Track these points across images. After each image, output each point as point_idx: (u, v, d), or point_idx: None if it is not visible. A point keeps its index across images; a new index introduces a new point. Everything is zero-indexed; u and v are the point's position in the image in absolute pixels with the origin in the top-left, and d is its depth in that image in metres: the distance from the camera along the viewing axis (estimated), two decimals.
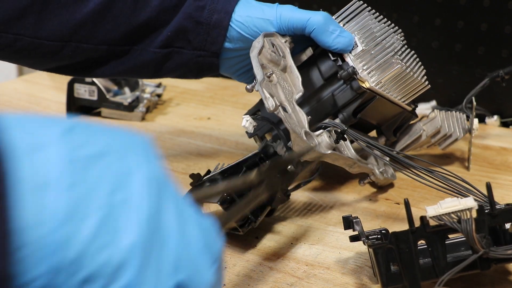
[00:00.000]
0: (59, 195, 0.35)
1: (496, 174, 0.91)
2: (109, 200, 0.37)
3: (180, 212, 0.40)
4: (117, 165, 0.38)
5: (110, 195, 0.37)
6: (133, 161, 0.39)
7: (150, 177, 0.39)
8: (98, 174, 0.37)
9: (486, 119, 1.07)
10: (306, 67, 0.82)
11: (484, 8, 1.06)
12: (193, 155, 0.98)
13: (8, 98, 1.21)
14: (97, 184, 0.37)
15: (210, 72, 0.83)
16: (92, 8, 0.76)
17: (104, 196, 0.37)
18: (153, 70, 0.82)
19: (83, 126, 0.39)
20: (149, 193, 0.38)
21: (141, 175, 0.38)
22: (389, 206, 0.82)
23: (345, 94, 0.79)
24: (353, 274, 0.69)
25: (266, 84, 0.72)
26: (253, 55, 0.75)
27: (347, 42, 0.79)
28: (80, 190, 0.36)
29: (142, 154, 0.40)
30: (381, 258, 0.63)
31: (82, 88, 1.10)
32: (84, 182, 0.36)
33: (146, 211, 0.38)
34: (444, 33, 1.10)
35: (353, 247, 0.74)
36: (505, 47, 1.06)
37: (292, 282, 0.68)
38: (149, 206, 0.38)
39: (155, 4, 0.78)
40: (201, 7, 0.79)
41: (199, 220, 0.41)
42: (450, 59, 1.11)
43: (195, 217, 0.41)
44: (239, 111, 1.14)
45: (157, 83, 1.19)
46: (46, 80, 1.32)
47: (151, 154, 0.40)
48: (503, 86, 0.98)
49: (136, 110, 1.11)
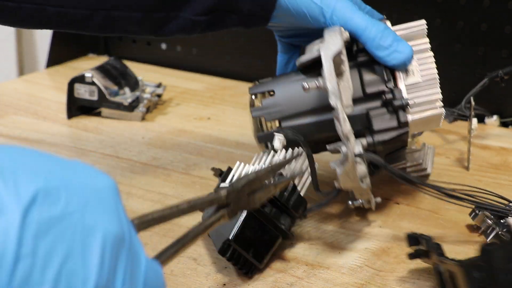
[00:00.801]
0: (4, 270, 0.34)
1: (496, 174, 0.91)
2: (57, 273, 0.36)
3: (131, 276, 0.39)
4: (73, 229, 0.37)
5: (60, 266, 0.36)
6: (91, 222, 0.37)
7: (106, 239, 0.38)
8: (50, 244, 0.36)
9: (486, 119, 1.07)
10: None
11: (484, 8, 1.06)
12: (193, 155, 0.98)
13: (8, 98, 1.21)
14: (48, 255, 0.35)
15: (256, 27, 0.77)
16: None
17: (53, 268, 0.35)
18: (193, 33, 0.76)
19: (48, 179, 0.37)
20: (101, 261, 0.37)
21: (97, 240, 0.37)
22: (389, 205, 0.82)
23: (384, 120, 0.71)
24: (353, 274, 0.69)
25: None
26: (327, 58, 0.66)
27: (403, 59, 0.71)
28: (27, 263, 0.35)
29: (102, 210, 0.38)
30: (472, 278, 0.54)
31: (82, 88, 1.10)
32: (33, 254, 0.35)
33: (93, 283, 0.37)
34: (444, 33, 1.10)
35: (353, 247, 0.74)
36: (505, 47, 1.06)
37: (292, 282, 0.68)
38: (98, 277, 0.37)
39: None
40: None
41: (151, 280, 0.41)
42: (450, 59, 1.11)
43: (147, 278, 0.41)
44: (239, 111, 1.15)
45: (157, 83, 1.19)
46: (46, 80, 1.32)
47: (112, 207, 0.39)
48: (502, 86, 0.98)
49: (136, 110, 1.11)
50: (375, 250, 0.73)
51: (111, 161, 0.96)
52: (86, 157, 0.97)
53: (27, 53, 1.67)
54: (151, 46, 1.41)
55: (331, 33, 0.69)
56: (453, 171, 0.92)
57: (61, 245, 0.36)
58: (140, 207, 0.82)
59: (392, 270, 0.70)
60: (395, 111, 0.71)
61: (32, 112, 1.15)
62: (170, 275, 0.69)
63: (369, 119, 0.71)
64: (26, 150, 0.39)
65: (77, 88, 1.10)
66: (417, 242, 0.64)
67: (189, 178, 0.90)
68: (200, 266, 0.71)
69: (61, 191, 0.37)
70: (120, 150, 1.00)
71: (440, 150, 0.97)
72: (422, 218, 0.80)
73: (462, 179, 0.89)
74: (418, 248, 0.64)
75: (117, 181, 0.98)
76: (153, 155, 0.98)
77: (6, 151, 0.38)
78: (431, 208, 0.81)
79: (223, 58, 1.33)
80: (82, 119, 1.12)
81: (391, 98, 0.71)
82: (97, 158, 0.97)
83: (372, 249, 0.73)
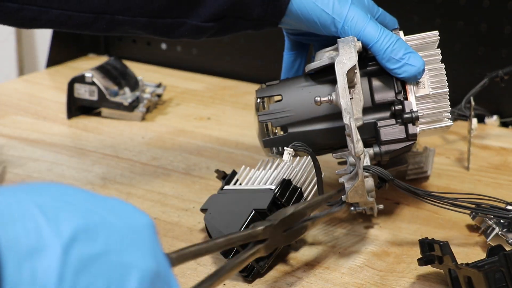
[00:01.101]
0: None
1: (496, 174, 0.91)
2: None
3: None
4: (111, 266, 0.38)
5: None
6: (129, 259, 0.39)
7: (142, 276, 0.39)
8: (90, 280, 0.37)
9: (486, 119, 1.07)
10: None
11: (484, 8, 1.06)
12: (193, 155, 0.98)
13: (8, 98, 1.21)
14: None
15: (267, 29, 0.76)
16: None
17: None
18: (203, 37, 0.75)
19: (88, 218, 0.38)
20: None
21: (134, 276, 0.38)
22: (389, 205, 0.82)
23: (393, 131, 0.71)
24: (353, 274, 0.69)
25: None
26: (341, 74, 0.66)
27: (414, 72, 0.70)
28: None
29: (139, 248, 0.40)
30: (493, 283, 0.57)
31: (82, 88, 1.10)
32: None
33: None
34: (444, 33, 1.10)
35: (353, 247, 0.74)
36: (504, 47, 1.06)
37: (292, 282, 0.68)
38: None
39: None
40: None
41: None
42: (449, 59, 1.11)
43: None
44: (239, 111, 1.15)
45: (157, 83, 1.19)
46: (46, 80, 1.32)
47: (149, 245, 0.40)
48: (502, 86, 0.98)
49: (136, 110, 1.11)
50: (375, 250, 0.73)
51: (111, 161, 0.96)
52: (86, 157, 0.97)
53: (27, 53, 1.67)
54: (151, 46, 1.41)
55: (346, 46, 0.69)
56: (453, 171, 0.92)
57: (100, 281, 0.37)
58: (140, 207, 0.81)
59: (392, 270, 0.70)
60: (404, 123, 0.71)
61: (32, 112, 1.15)
62: None
63: (377, 130, 0.71)
64: (67, 188, 0.40)
65: (77, 88, 1.10)
66: (431, 247, 0.63)
67: (189, 178, 0.90)
68: (200, 266, 0.71)
69: (100, 229, 0.38)
70: (120, 150, 1.00)
71: (440, 150, 0.97)
72: (422, 218, 0.80)
73: (462, 179, 0.89)
74: (429, 254, 0.63)
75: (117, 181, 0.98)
76: (153, 155, 0.98)
77: (48, 189, 0.39)
78: (431, 208, 0.81)
79: (223, 58, 1.33)
80: (82, 119, 1.12)
81: (400, 110, 0.70)
82: (97, 158, 0.97)
83: (372, 249, 0.73)
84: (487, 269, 0.57)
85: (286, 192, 0.70)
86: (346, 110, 0.65)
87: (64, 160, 0.96)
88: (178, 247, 0.75)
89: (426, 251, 0.63)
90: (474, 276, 0.59)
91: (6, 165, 0.94)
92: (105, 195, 0.43)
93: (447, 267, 0.63)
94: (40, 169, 0.93)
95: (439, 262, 0.63)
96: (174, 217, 0.81)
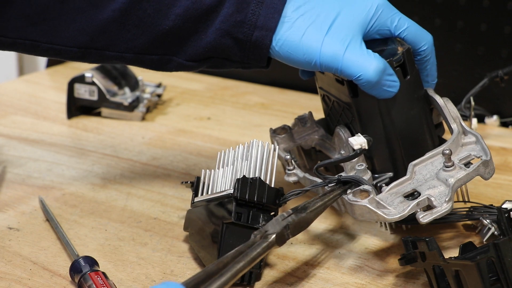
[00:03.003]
0: None
1: (496, 174, 0.90)
2: None
3: None
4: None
5: None
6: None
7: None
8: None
9: (486, 119, 1.07)
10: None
11: (484, 8, 1.06)
12: (193, 155, 0.98)
13: (8, 98, 1.21)
14: None
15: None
16: (110, 15, 0.71)
17: None
18: (195, 71, 0.77)
19: None
20: None
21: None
22: None
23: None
24: (353, 274, 0.69)
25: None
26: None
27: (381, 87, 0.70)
28: None
29: None
30: (485, 273, 0.57)
31: (82, 88, 1.10)
32: None
33: None
34: (444, 33, 1.10)
35: (353, 247, 0.74)
36: (504, 47, 1.06)
37: (292, 282, 0.68)
38: None
39: (179, 12, 0.71)
40: (240, 22, 0.70)
41: None
42: (449, 59, 1.11)
43: None
44: (239, 111, 1.15)
45: (157, 83, 1.19)
46: (46, 80, 1.32)
47: None
48: (502, 86, 0.98)
49: (136, 110, 1.11)
50: (375, 250, 0.73)
51: (111, 161, 0.96)
52: (86, 157, 0.97)
53: None
54: None
55: (359, 173, 0.70)
56: None
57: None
58: (140, 207, 0.82)
59: (392, 270, 0.70)
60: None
61: (32, 112, 1.15)
62: (170, 275, 0.69)
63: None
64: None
65: (77, 88, 1.10)
66: (415, 246, 0.62)
67: (189, 178, 0.90)
68: (201, 266, 0.71)
69: None
70: (120, 150, 1.00)
71: None
72: None
73: None
74: (410, 252, 0.63)
75: (117, 181, 0.98)
76: (153, 155, 0.98)
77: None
78: None
79: None
80: (82, 119, 1.12)
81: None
82: (97, 158, 0.97)
83: (372, 249, 0.73)
84: (478, 259, 0.56)
85: (245, 189, 0.68)
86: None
87: (64, 160, 0.96)
88: (178, 247, 0.75)
89: (410, 250, 0.63)
90: (464, 269, 0.58)
91: (6, 165, 0.94)
92: (105, 195, 0.43)
93: (430, 264, 0.62)
94: (40, 169, 0.93)
95: (422, 259, 0.62)
96: (174, 217, 0.81)
